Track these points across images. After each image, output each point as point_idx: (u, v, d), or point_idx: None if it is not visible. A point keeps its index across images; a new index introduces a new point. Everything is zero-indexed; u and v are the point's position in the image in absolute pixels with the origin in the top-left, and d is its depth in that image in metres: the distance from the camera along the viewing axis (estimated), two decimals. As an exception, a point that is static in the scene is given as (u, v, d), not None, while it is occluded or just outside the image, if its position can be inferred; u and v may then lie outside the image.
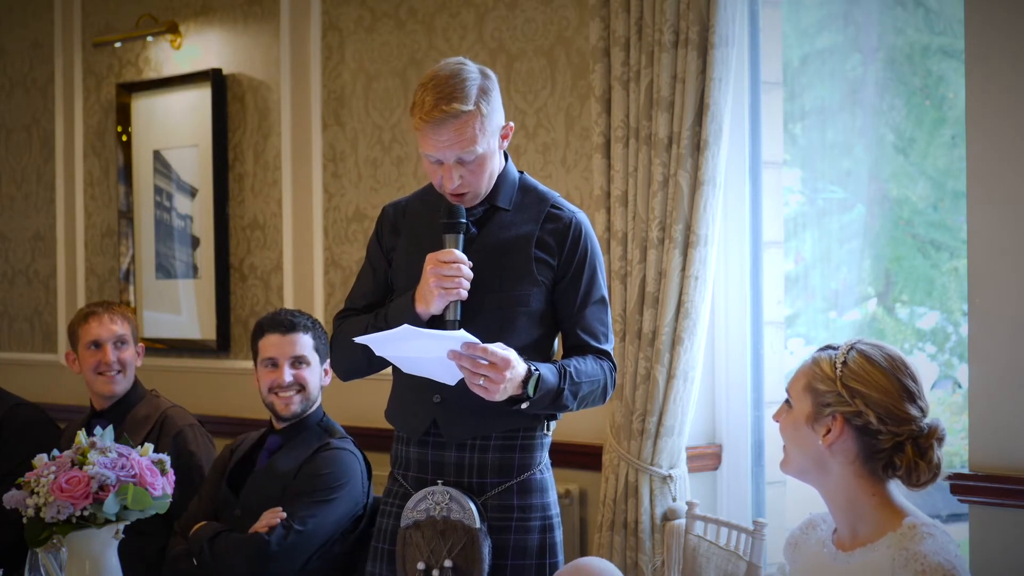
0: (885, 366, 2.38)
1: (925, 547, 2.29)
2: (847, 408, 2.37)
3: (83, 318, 4.16)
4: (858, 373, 2.38)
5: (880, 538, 2.36)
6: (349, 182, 4.99)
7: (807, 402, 2.42)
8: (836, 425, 2.38)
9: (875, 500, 2.39)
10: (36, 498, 2.99)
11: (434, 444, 3.10)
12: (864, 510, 2.40)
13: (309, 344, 3.77)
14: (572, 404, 3.03)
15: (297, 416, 3.75)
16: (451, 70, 2.99)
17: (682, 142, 3.85)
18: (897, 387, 2.37)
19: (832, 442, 2.38)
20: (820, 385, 2.40)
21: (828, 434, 2.38)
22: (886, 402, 2.36)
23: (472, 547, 3.03)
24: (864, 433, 2.37)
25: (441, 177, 3.01)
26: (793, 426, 2.45)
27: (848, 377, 2.38)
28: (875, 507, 2.39)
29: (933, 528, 2.34)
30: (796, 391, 2.45)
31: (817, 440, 2.40)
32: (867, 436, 2.37)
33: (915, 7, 4.15)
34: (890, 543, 2.33)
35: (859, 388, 2.37)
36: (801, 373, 2.46)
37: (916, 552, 2.29)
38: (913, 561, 2.28)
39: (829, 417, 2.39)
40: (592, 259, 3.11)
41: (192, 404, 4.64)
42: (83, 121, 5.95)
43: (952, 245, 4.14)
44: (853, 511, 2.41)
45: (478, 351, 2.86)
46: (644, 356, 3.94)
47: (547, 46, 4.43)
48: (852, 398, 2.37)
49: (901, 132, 4.23)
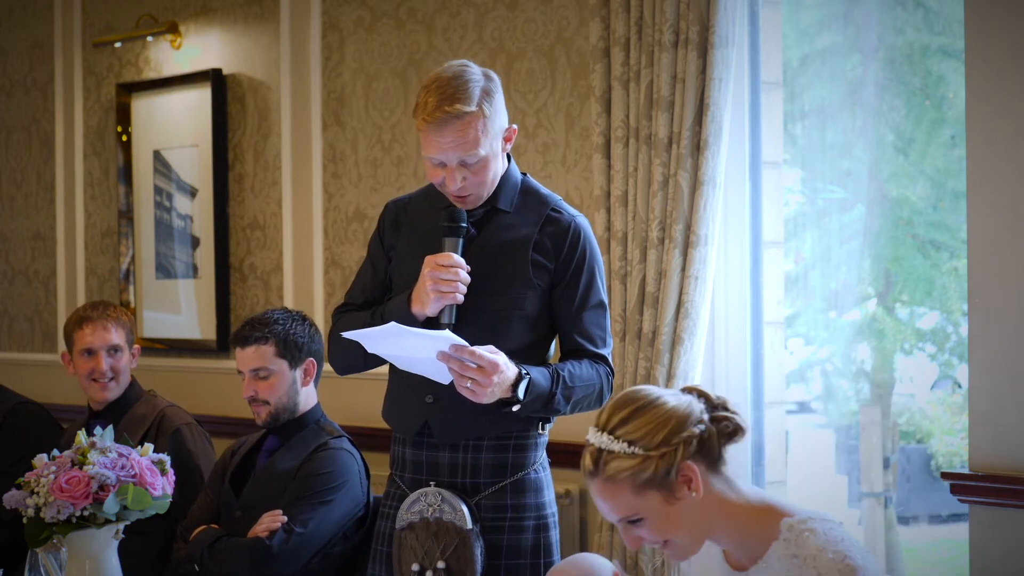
0: (638, 407, 2.33)
1: (812, 547, 2.25)
2: (676, 455, 2.29)
3: (77, 323, 4.14)
4: (638, 432, 2.30)
5: (767, 551, 2.30)
6: (349, 182, 4.99)
7: (651, 496, 2.30)
8: (688, 471, 2.30)
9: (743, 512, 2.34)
10: (36, 498, 2.99)
11: (428, 445, 3.11)
12: (740, 526, 2.34)
13: (269, 354, 3.71)
14: (565, 408, 3.04)
15: (270, 423, 3.74)
16: (454, 72, 3.00)
17: (682, 142, 3.86)
18: (660, 408, 2.32)
19: (698, 484, 2.30)
20: (644, 474, 2.29)
21: (692, 483, 2.30)
22: (675, 420, 2.30)
23: (464, 548, 3.04)
24: (701, 450, 2.31)
25: (443, 179, 3.01)
26: (665, 523, 2.32)
27: (643, 444, 2.29)
28: (747, 518, 2.33)
29: (811, 521, 2.29)
30: (632, 506, 2.31)
31: (691, 499, 2.30)
32: (703, 448, 2.31)
33: (915, 7, 4.15)
34: (779, 553, 2.28)
35: (658, 436, 2.29)
36: (612, 494, 2.31)
37: (806, 556, 2.24)
38: (806, 567, 2.23)
39: (677, 476, 2.29)
40: (591, 263, 3.10)
41: (192, 404, 4.64)
42: (83, 121, 5.95)
43: (952, 245, 4.14)
44: (733, 533, 2.35)
45: (465, 353, 2.86)
46: (644, 356, 3.94)
47: (547, 46, 4.43)
48: (667, 445, 2.29)
49: (901, 132, 4.23)
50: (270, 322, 3.74)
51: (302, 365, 3.74)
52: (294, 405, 3.74)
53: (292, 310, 3.84)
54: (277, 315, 3.77)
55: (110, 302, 4.27)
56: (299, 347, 3.73)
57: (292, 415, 3.74)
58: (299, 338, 3.73)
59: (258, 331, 3.72)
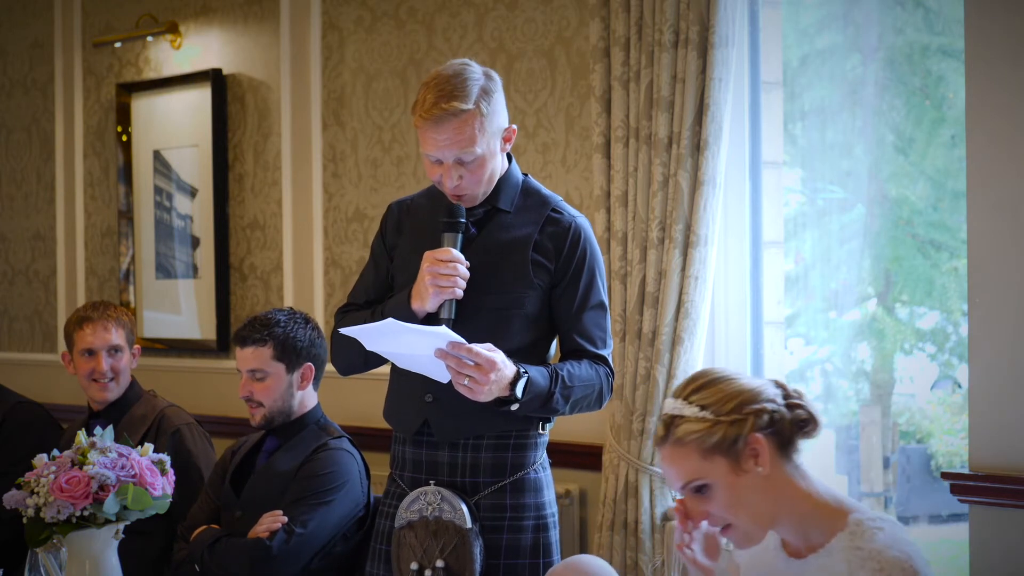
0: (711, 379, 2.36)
1: (878, 543, 2.26)
2: (745, 425, 2.32)
3: (77, 323, 4.14)
4: (713, 399, 2.34)
5: (830, 541, 2.32)
6: (349, 182, 4.99)
7: (718, 462, 2.33)
8: (756, 443, 2.32)
9: (811, 501, 2.35)
10: (36, 498, 2.99)
11: (428, 444, 3.11)
12: (806, 515, 2.35)
13: (266, 356, 3.70)
14: (564, 408, 3.04)
15: (265, 425, 3.74)
16: (454, 70, 3.00)
17: (682, 142, 3.86)
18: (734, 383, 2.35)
19: (766, 460, 2.32)
20: (712, 438, 2.32)
21: (759, 457, 2.32)
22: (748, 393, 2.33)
23: (463, 547, 3.04)
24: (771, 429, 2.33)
25: (440, 176, 3.02)
26: (731, 495, 2.34)
27: (714, 408, 2.33)
28: (815, 508, 2.35)
29: (881, 520, 2.30)
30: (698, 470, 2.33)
31: (757, 475, 2.32)
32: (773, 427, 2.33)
33: (915, 7, 4.15)
34: (842, 544, 2.29)
35: (729, 404, 2.33)
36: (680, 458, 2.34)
37: (871, 550, 2.25)
38: (870, 560, 2.24)
39: (745, 446, 2.32)
40: (591, 263, 3.10)
41: (192, 404, 4.64)
42: (83, 121, 5.95)
43: (952, 245, 4.14)
44: (797, 520, 2.36)
45: (463, 351, 2.86)
46: (644, 356, 3.94)
47: (547, 46, 4.43)
48: (739, 412, 2.32)
49: (901, 132, 4.23)
50: (271, 323, 3.72)
51: (299, 369, 3.72)
52: (289, 408, 3.72)
53: (297, 311, 3.80)
54: (280, 316, 3.74)
55: (110, 302, 4.26)
56: (297, 351, 3.71)
57: (287, 418, 3.73)
58: (299, 342, 3.72)
59: (258, 332, 3.71)
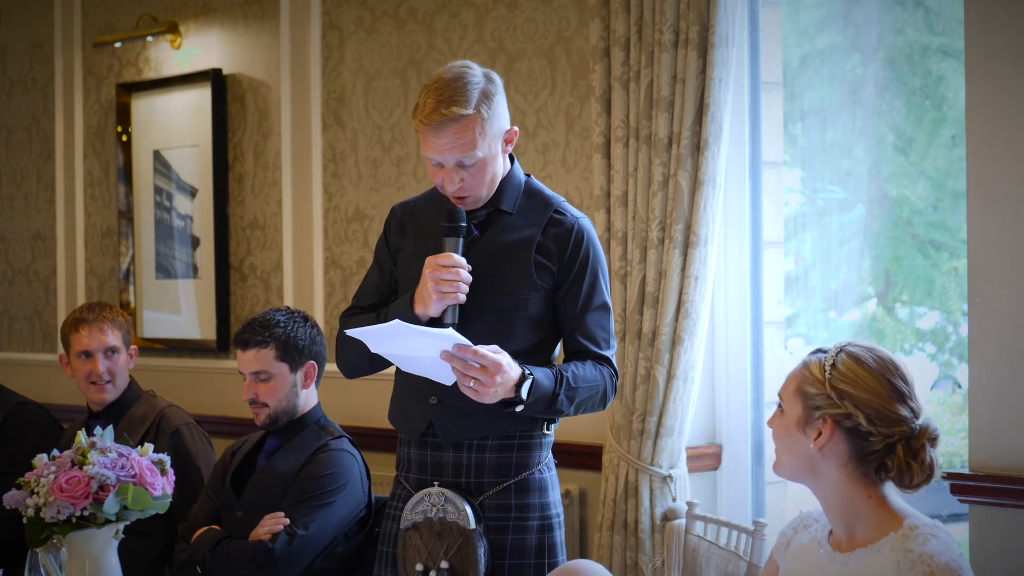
0: (874, 367, 2.38)
1: (930, 547, 2.28)
2: (837, 410, 2.36)
3: (73, 326, 4.13)
4: (847, 375, 2.38)
5: (880, 539, 2.35)
6: (349, 182, 4.99)
7: (798, 406, 2.42)
8: (826, 428, 2.37)
9: (871, 502, 2.39)
10: (36, 498, 2.99)
11: (432, 445, 3.11)
12: (861, 512, 2.39)
13: (269, 357, 3.69)
14: (568, 409, 3.04)
15: (270, 425, 3.74)
16: (455, 73, 2.99)
17: (682, 142, 3.86)
18: (886, 388, 2.37)
19: (823, 445, 2.38)
20: (810, 388, 2.40)
21: (819, 437, 2.38)
22: (875, 403, 2.35)
23: (468, 548, 3.04)
24: (855, 435, 2.36)
25: (442, 179, 3.02)
26: (785, 431, 2.44)
27: (837, 379, 2.38)
28: (872, 509, 2.38)
29: (935, 529, 2.33)
30: (787, 395, 2.45)
31: (808, 444, 2.39)
32: (858, 438, 2.36)
33: (915, 7, 4.15)
34: (892, 545, 2.32)
35: (848, 390, 2.36)
36: (792, 377, 2.46)
37: (922, 553, 2.28)
38: (920, 563, 2.27)
39: (819, 420, 2.38)
40: (594, 264, 3.10)
41: (192, 404, 4.64)
42: (83, 121, 5.95)
43: (952, 245, 4.13)
44: (849, 513, 2.40)
45: (469, 353, 2.86)
46: (644, 356, 3.94)
47: (547, 46, 4.43)
48: (841, 400, 2.36)
49: (901, 132, 4.22)
50: (271, 324, 3.72)
51: (303, 368, 3.73)
52: (294, 407, 3.73)
53: (295, 310, 3.80)
54: (279, 317, 3.74)
55: (106, 303, 4.25)
56: (300, 350, 3.72)
57: (292, 417, 3.74)
58: (300, 341, 3.72)
59: (259, 334, 3.71)
